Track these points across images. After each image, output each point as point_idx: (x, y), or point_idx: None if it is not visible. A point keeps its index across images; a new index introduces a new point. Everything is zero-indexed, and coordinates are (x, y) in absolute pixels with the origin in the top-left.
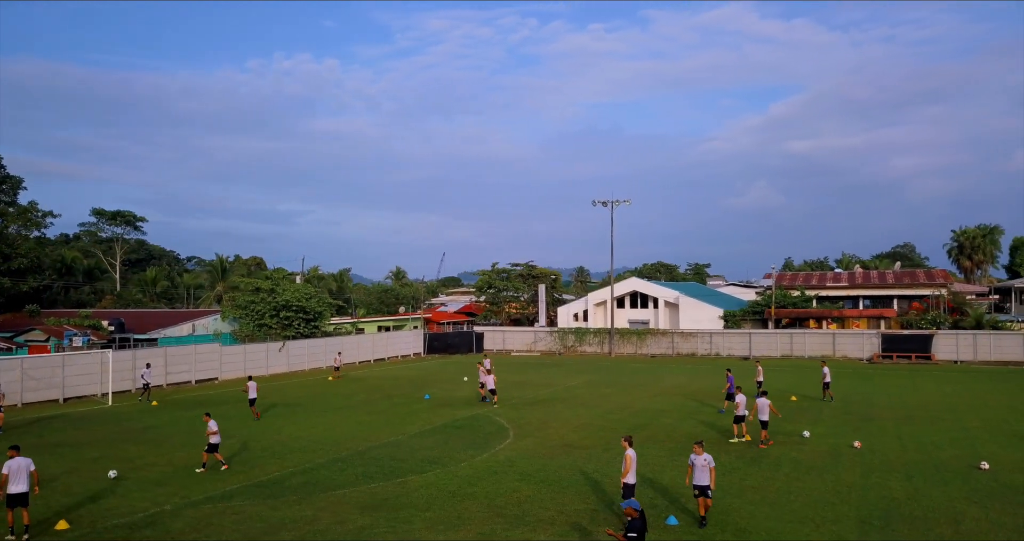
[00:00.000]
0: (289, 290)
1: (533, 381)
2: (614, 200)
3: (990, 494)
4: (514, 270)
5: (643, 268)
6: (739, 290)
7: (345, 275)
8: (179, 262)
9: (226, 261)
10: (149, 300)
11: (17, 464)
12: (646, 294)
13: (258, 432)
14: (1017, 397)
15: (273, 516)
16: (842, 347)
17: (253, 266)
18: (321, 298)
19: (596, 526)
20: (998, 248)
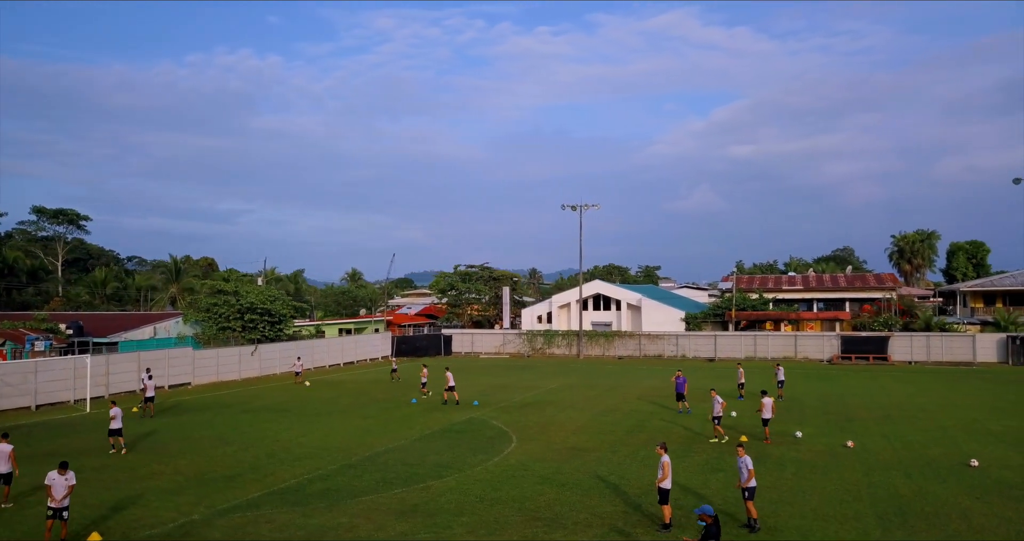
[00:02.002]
0: (253, 292)
1: (512, 384)
2: (583, 204)
3: (987, 490)
4: (471, 272)
5: (595, 270)
6: (692, 292)
7: (300, 277)
8: (119, 262)
9: (180, 262)
10: (100, 302)
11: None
12: (609, 296)
13: (255, 438)
14: (979, 397)
15: (309, 524)
16: (803, 349)
17: (205, 267)
18: (285, 300)
19: (632, 528)
20: (935, 252)
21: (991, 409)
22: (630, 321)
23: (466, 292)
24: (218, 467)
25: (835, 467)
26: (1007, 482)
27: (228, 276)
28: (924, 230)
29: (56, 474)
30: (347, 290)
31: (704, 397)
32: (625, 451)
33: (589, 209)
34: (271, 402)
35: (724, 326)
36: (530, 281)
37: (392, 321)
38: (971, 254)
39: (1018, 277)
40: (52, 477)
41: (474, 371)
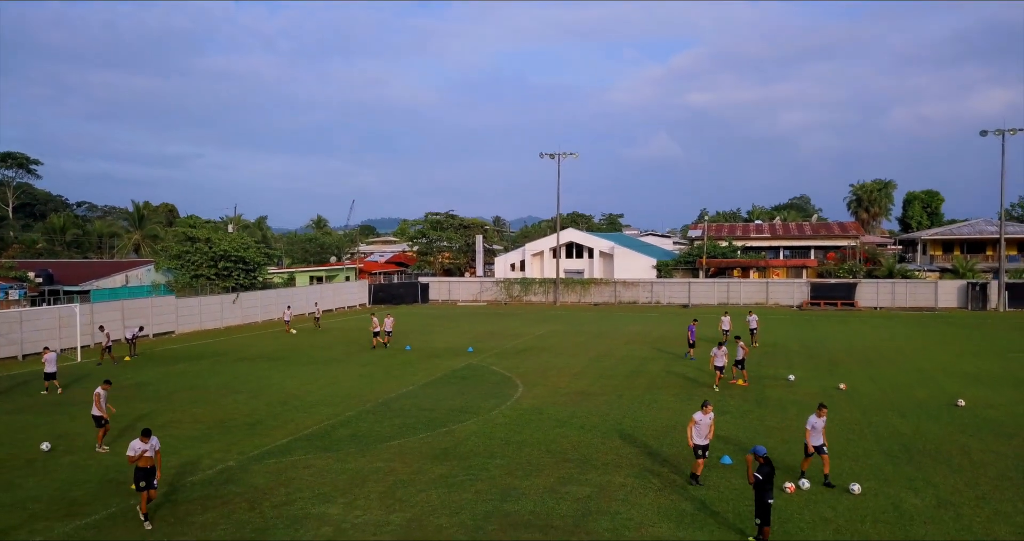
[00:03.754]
0: (225, 240)
1: (500, 331)
2: (561, 153)
3: (978, 428)
4: (441, 220)
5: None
6: (656, 240)
7: (263, 224)
8: (67, 207)
9: (142, 208)
10: (61, 250)
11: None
12: (582, 244)
13: (262, 386)
14: (948, 341)
15: (346, 468)
16: (774, 295)
17: (165, 213)
18: (259, 248)
19: (660, 467)
20: (891, 201)
21: (962, 352)
22: (602, 269)
23: (437, 240)
24: (236, 415)
25: (833, 408)
26: (995, 420)
27: (194, 222)
28: (881, 180)
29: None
30: (313, 237)
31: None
32: (630, 395)
33: (567, 157)
34: (264, 350)
35: (695, 273)
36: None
37: (363, 269)
38: (926, 203)
39: (975, 226)
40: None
41: (456, 319)
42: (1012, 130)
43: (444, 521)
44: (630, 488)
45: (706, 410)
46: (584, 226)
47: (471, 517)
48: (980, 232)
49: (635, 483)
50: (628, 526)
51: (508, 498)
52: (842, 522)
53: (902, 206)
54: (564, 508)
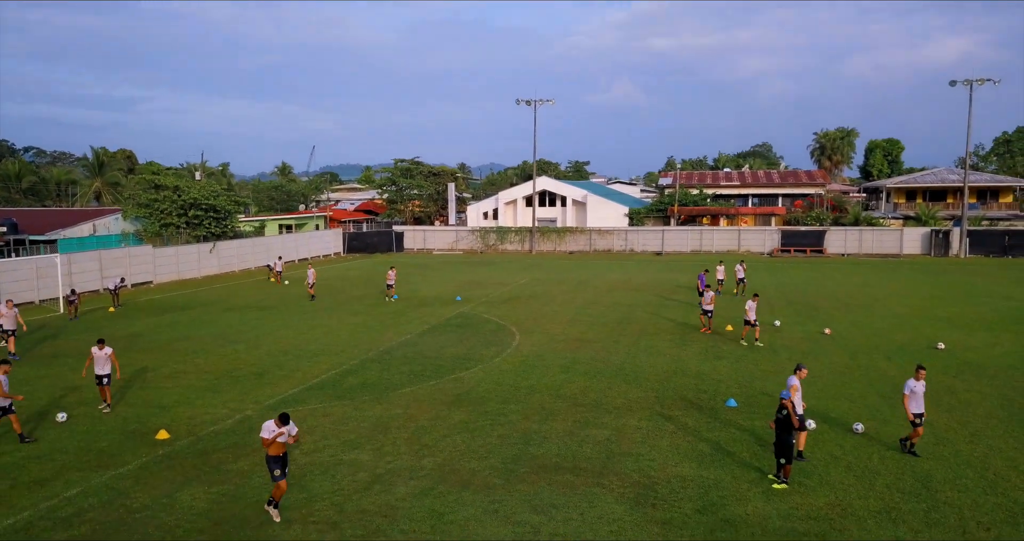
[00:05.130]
0: (194, 188)
1: (483, 280)
2: (537, 100)
3: (960, 370)
4: (411, 167)
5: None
6: (624, 188)
7: (227, 171)
8: (14, 152)
9: (101, 154)
10: (18, 197)
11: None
12: (555, 193)
13: (258, 336)
14: (917, 286)
15: (366, 416)
16: (746, 242)
17: (124, 160)
18: (229, 196)
19: (672, 411)
20: (853, 149)
21: (932, 297)
22: (575, 217)
23: (407, 188)
24: (240, 365)
25: (822, 352)
26: (974, 362)
27: (157, 170)
28: (844, 128)
29: (96, 349)
30: (279, 185)
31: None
32: (626, 342)
33: (544, 104)
34: (250, 300)
35: (666, 221)
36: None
37: (332, 217)
38: (887, 151)
39: (938, 174)
40: (93, 351)
41: (435, 268)
42: (980, 80)
43: (475, 465)
44: (646, 431)
45: (801, 373)
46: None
47: (500, 460)
48: (942, 180)
49: (649, 426)
50: (652, 466)
51: (531, 442)
52: (851, 459)
53: (864, 154)
54: (588, 451)
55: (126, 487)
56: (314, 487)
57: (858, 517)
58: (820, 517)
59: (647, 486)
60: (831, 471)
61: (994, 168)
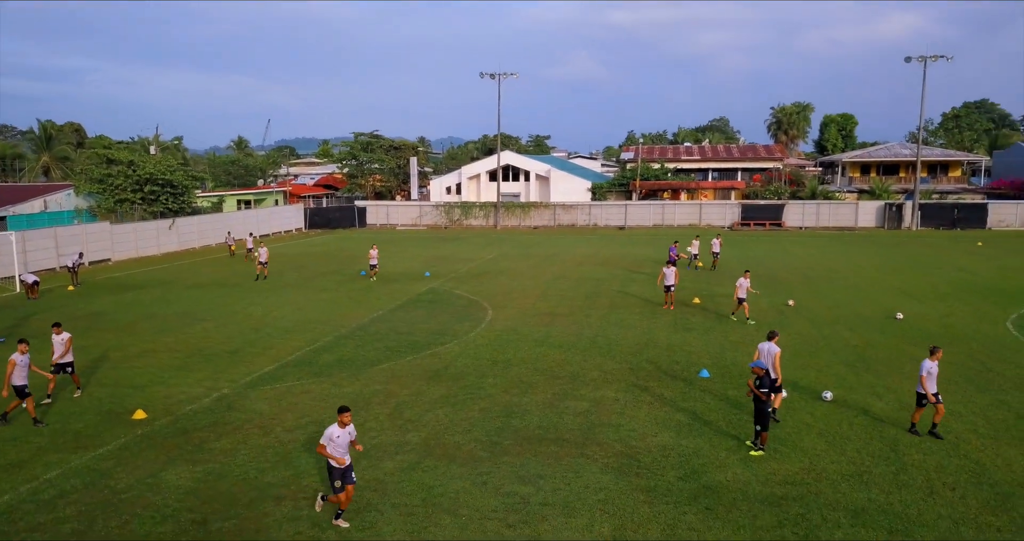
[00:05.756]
0: (150, 162)
1: (450, 255)
2: (501, 73)
3: (918, 338)
4: (371, 141)
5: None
6: (585, 162)
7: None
8: None
9: (49, 127)
10: None
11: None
12: (518, 167)
13: (225, 314)
14: (873, 258)
15: (346, 393)
16: (707, 216)
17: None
18: (186, 171)
19: (648, 382)
20: (809, 124)
21: (888, 269)
22: (539, 192)
23: (367, 162)
24: (210, 343)
25: (787, 323)
26: (930, 331)
27: (108, 144)
28: (800, 103)
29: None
30: (236, 159)
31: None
32: (597, 315)
33: (508, 77)
34: (213, 277)
35: (628, 196)
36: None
37: (292, 192)
38: (841, 126)
39: (891, 149)
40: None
41: (401, 243)
42: (933, 57)
43: (459, 438)
44: (624, 402)
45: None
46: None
47: (484, 433)
48: (895, 155)
49: (626, 397)
50: (633, 436)
51: (513, 414)
52: (822, 426)
53: (819, 129)
54: (569, 422)
55: (108, 468)
56: (300, 464)
57: (832, 480)
58: (796, 481)
59: (630, 455)
60: (804, 438)
61: (942, 142)
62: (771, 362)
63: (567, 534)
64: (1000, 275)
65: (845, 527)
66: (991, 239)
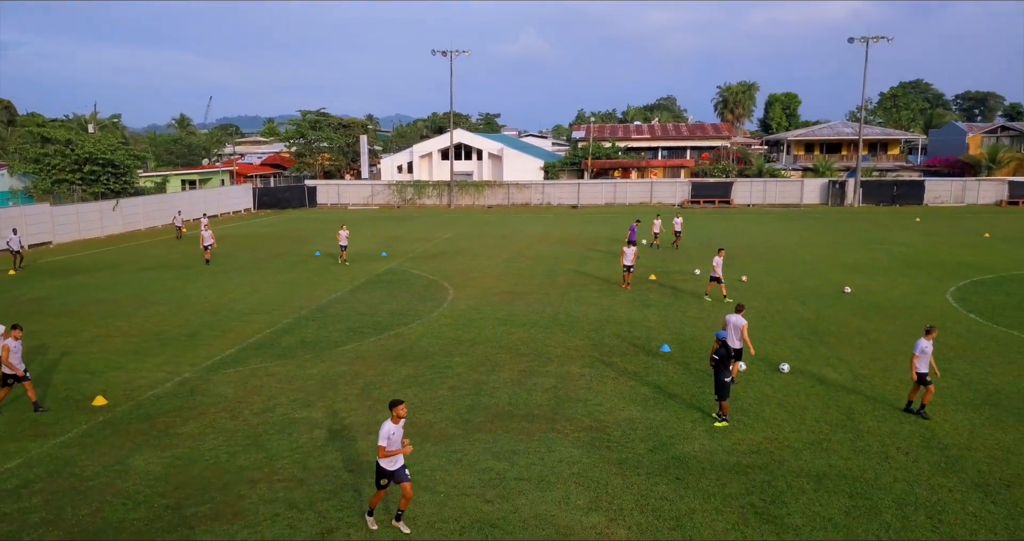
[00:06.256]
0: (89, 141)
1: (405, 235)
2: (453, 50)
3: (867, 311)
4: (319, 119)
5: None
6: (535, 141)
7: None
8: None
9: None
10: None
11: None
12: (470, 146)
13: (179, 297)
14: (819, 234)
15: (311, 374)
16: (658, 195)
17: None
18: (127, 150)
19: (611, 358)
20: (754, 103)
21: (834, 244)
22: (491, 171)
23: (316, 140)
24: (166, 327)
25: (742, 299)
26: (877, 304)
27: (42, 122)
28: (746, 82)
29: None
30: (178, 138)
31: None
32: (557, 293)
33: (460, 55)
34: (163, 260)
35: (580, 174)
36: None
37: (238, 172)
38: (785, 105)
39: (834, 128)
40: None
41: (354, 223)
42: (875, 38)
43: (430, 417)
44: (589, 377)
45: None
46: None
47: (455, 411)
48: (838, 134)
49: (592, 373)
50: (601, 411)
51: (482, 392)
52: (781, 397)
53: (764, 108)
54: (538, 398)
55: (71, 456)
56: (272, 446)
57: (794, 449)
58: (760, 450)
59: (599, 429)
60: (764, 408)
61: (881, 122)
62: (737, 334)
63: (544, 507)
64: (937, 249)
65: (809, 492)
66: (928, 215)
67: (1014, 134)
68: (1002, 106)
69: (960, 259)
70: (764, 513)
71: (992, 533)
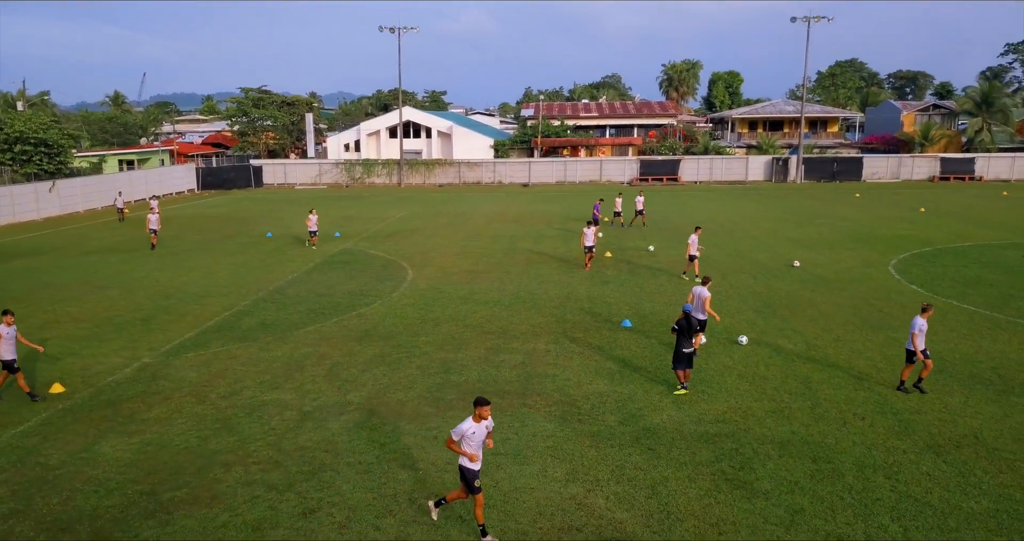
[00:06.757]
0: (19, 120)
1: (358, 215)
2: (401, 27)
3: (815, 284)
4: (262, 97)
5: (380, 94)
6: (483, 119)
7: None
8: None
9: None
10: None
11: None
12: (419, 124)
13: (130, 281)
14: (766, 210)
15: (275, 356)
16: (608, 172)
17: None
18: (61, 129)
19: (575, 333)
20: (698, 81)
21: (780, 220)
22: (440, 149)
23: (259, 119)
24: (119, 311)
25: None
26: (825, 277)
27: None
28: (690, 60)
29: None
30: (113, 116)
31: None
32: (516, 272)
33: (408, 31)
34: (108, 243)
35: (530, 152)
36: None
37: (178, 151)
38: (728, 83)
39: (776, 105)
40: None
41: (304, 203)
42: (816, 18)
43: (402, 396)
44: (555, 353)
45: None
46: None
47: (426, 389)
48: (780, 111)
49: (557, 349)
50: (569, 385)
51: (451, 370)
52: (741, 368)
53: (707, 86)
54: (506, 374)
55: (33, 445)
56: (243, 429)
57: (757, 417)
58: (726, 420)
59: (569, 403)
60: (726, 379)
61: (819, 100)
62: (701, 305)
63: (524, 481)
64: (878, 224)
65: (775, 458)
66: (866, 191)
67: (944, 112)
68: (931, 85)
69: (899, 233)
70: (734, 479)
71: (946, 491)
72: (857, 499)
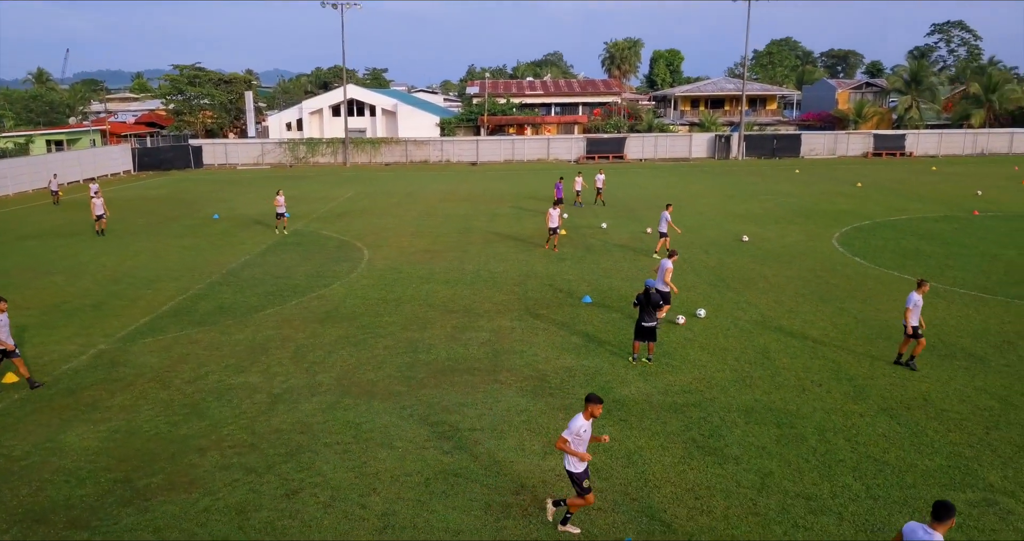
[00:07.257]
0: None
1: (305, 195)
2: (344, 2)
3: (764, 258)
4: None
5: (319, 72)
6: (427, 97)
7: None
8: None
9: None
10: None
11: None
12: (363, 102)
13: (74, 266)
14: (711, 186)
15: (238, 340)
16: (555, 151)
17: None
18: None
19: (538, 310)
20: (640, 59)
21: (725, 196)
22: (385, 127)
23: (195, 97)
24: (67, 298)
25: (649, 249)
26: (773, 251)
27: None
28: (631, 38)
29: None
30: (37, 94)
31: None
32: (474, 251)
33: (351, 7)
34: (46, 227)
35: (477, 131)
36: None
37: (111, 131)
38: (669, 61)
39: (718, 84)
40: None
41: (247, 184)
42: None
43: (372, 375)
44: (521, 330)
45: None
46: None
47: (396, 368)
48: (721, 89)
49: (522, 325)
50: (538, 360)
51: (419, 349)
52: (702, 340)
53: (648, 64)
54: (475, 352)
55: (8, 423)
56: (213, 414)
57: (721, 387)
58: (692, 390)
59: (539, 379)
60: (689, 351)
61: (758, 78)
62: (662, 276)
63: (503, 455)
64: (818, 199)
65: (741, 425)
66: (805, 167)
67: (876, 90)
68: (861, 63)
69: (839, 207)
70: (705, 446)
71: (901, 450)
72: (821, 461)
